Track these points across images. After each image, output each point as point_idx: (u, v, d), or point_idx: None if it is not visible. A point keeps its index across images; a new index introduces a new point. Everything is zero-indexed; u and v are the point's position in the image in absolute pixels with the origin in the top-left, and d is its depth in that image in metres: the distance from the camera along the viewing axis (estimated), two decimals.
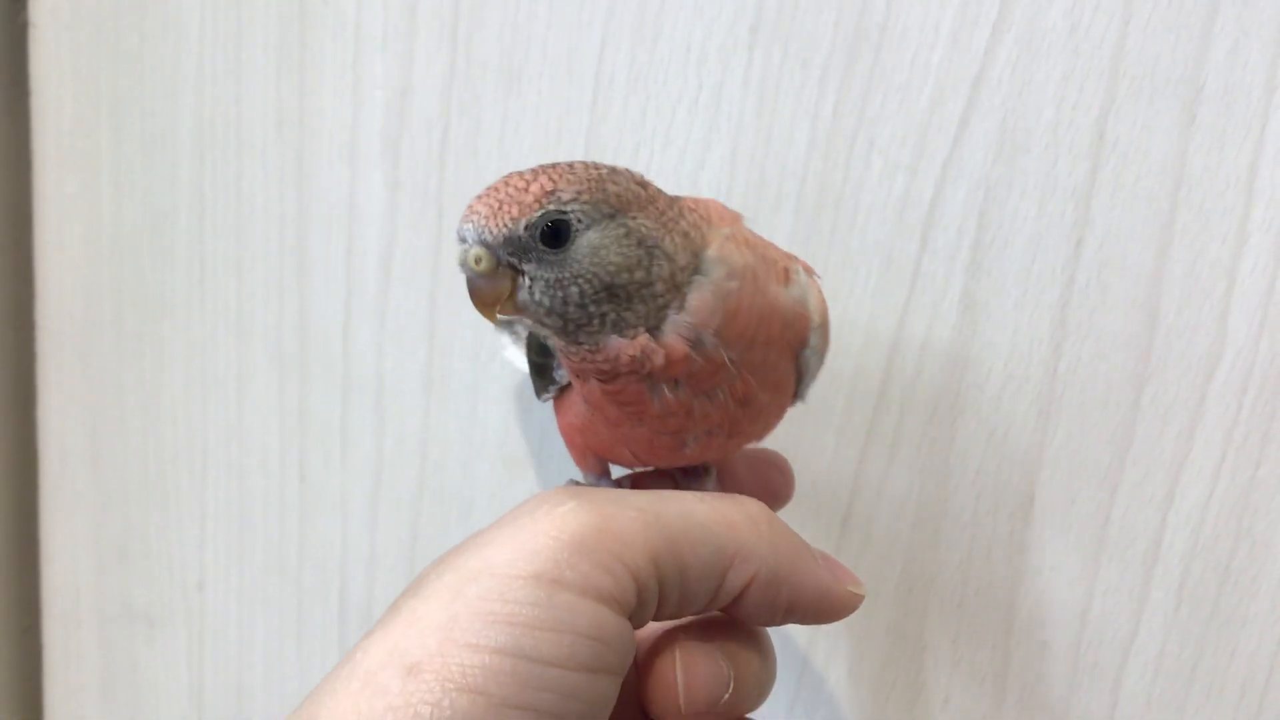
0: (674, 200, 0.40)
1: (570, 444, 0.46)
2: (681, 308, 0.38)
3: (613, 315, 0.38)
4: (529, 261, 0.37)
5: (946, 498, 0.55)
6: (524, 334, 0.60)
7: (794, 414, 0.57)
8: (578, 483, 0.47)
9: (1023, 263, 0.51)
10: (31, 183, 0.77)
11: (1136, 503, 0.51)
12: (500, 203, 0.37)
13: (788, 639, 0.60)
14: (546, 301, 0.37)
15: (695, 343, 0.38)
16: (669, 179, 0.58)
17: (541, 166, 0.38)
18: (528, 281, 0.37)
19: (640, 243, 0.38)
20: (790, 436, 0.57)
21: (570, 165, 0.38)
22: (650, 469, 0.47)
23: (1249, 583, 0.49)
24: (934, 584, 0.56)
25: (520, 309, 0.38)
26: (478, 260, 0.37)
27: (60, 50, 0.74)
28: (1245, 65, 0.46)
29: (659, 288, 0.38)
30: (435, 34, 0.62)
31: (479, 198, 0.38)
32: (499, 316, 0.38)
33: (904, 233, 0.53)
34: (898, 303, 0.54)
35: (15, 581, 0.87)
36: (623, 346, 0.38)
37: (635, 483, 0.47)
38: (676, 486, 0.47)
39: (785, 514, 0.53)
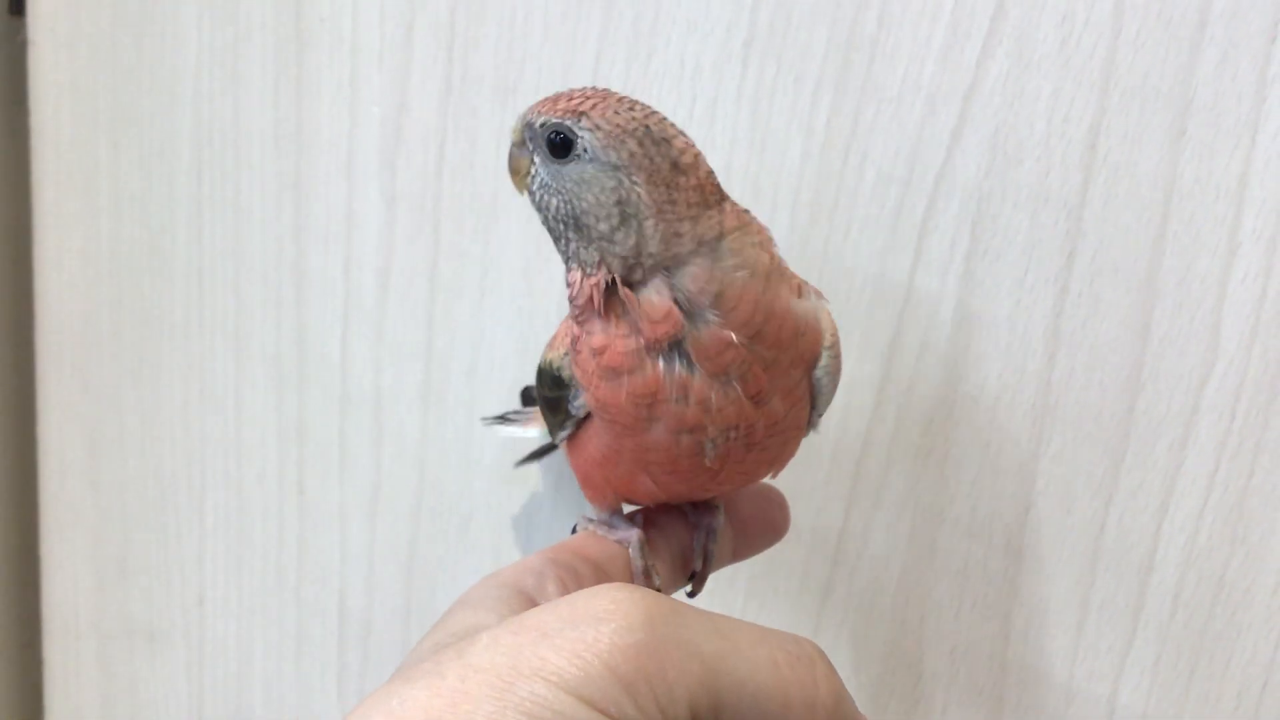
0: (715, 205, 0.41)
1: (586, 481, 0.46)
2: (671, 271, 0.40)
3: (573, 245, 0.41)
4: (536, 155, 0.42)
5: (942, 508, 0.55)
6: (518, 420, 0.63)
7: None
8: (591, 519, 0.47)
9: (1016, 274, 0.52)
10: (30, 200, 0.78)
11: (1131, 512, 0.51)
12: (553, 100, 0.41)
13: None
14: (537, 196, 0.42)
15: (688, 311, 0.39)
16: None
17: (612, 94, 0.41)
18: (533, 169, 0.42)
19: (620, 203, 0.39)
20: None
21: (631, 106, 0.41)
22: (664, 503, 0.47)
23: (1243, 592, 0.50)
24: (930, 595, 0.56)
25: (530, 192, 0.42)
26: (514, 131, 0.42)
27: (59, 68, 0.74)
28: (1234, 77, 0.46)
29: (617, 249, 0.40)
30: (431, 50, 0.63)
31: (547, 96, 0.42)
32: (517, 188, 0.43)
33: (898, 244, 0.54)
34: (892, 314, 0.54)
35: (15, 597, 0.87)
36: (578, 278, 0.41)
37: (647, 519, 0.47)
38: (687, 521, 0.48)
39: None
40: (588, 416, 0.44)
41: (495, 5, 0.61)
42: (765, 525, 0.50)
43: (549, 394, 0.45)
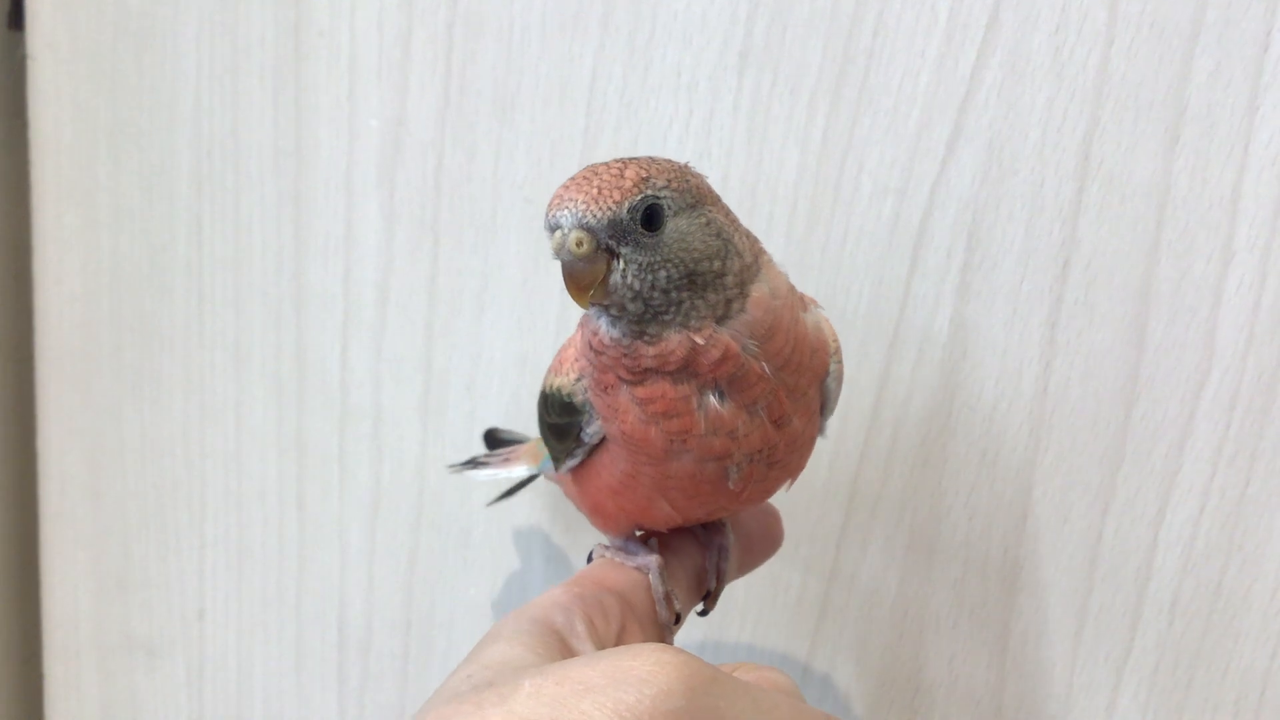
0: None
1: (596, 510, 0.46)
2: (743, 309, 0.39)
3: (688, 303, 0.39)
4: (626, 245, 0.38)
5: (940, 517, 0.55)
6: (491, 462, 0.61)
7: None
8: (607, 546, 0.47)
9: (1011, 283, 0.52)
10: (30, 215, 0.78)
11: (1128, 520, 0.51)
12: (599, 189, 0.38)
13: (786, 659, 0.61)
14: (637, 285, 0.38)
15: (743, 346, 0.39)
16: None
17: (626, 158, 0.39)
18: (621, 265, 0.38)
19: (718, 234, 0.39)
20: None
21: (652, 158, 0.39)
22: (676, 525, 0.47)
23: (1241, 598, 0.50)
24: (929, 604, 0.56)
25: (609, 293, 0.38)
26: (579, 243, 0.37)
27: (59, 83, 0.75)
28: (1227, 86, 0.47)
29: (729, 280, 0.39)
30: (429, 64, 0.63)
31: (570, 186, 0.38)
32: (590, 302, 0.39)
33: (894, 255, 0.54)
34: (889, 324, 0.55)
35: (16, 612, 0.87)
36: (681, 342, 0.39)
37: (661, 542, 0.47)
38: (699, 541, 0.48)
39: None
40: (599, 443, 0.44)
41: (493, 19, 0.61)
42: (767, 538, 0.50)
43: (558, 421, 0.45)
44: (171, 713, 0.83)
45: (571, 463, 0.45)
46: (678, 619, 0.46)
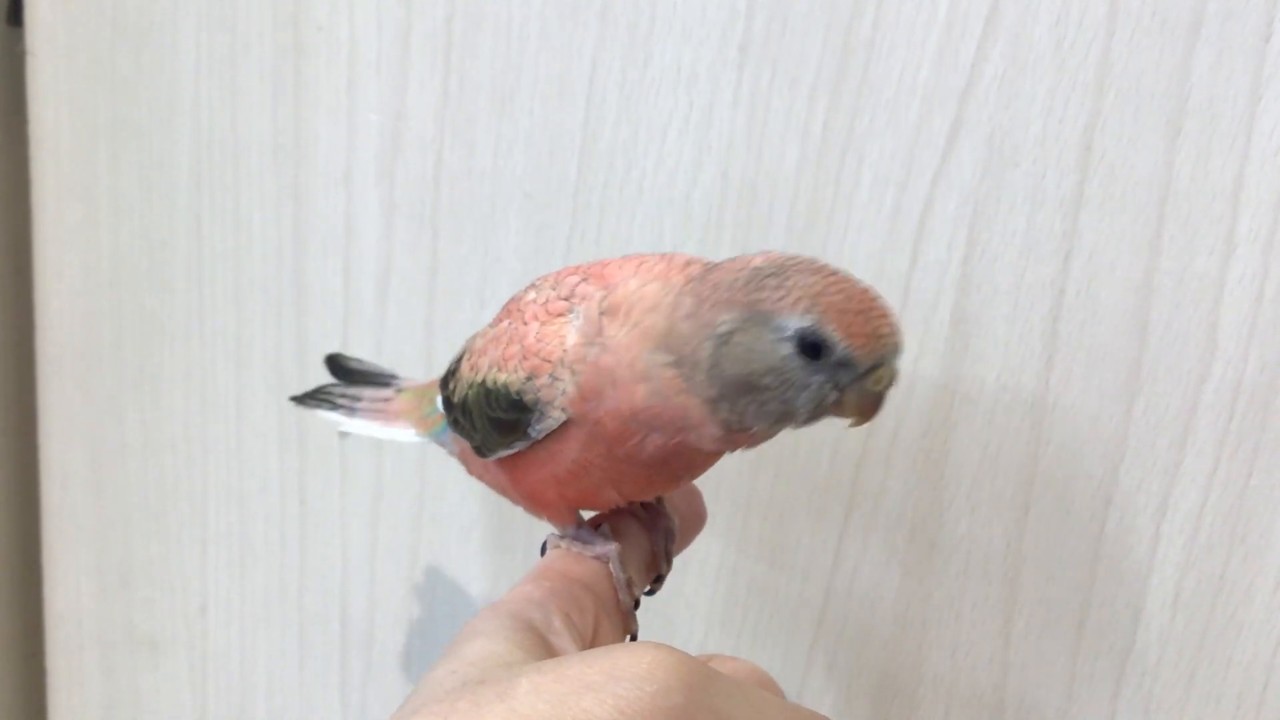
0: None
1: (534, 498, 0.46)
2: None
3: None
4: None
5: (941, 511, 0.55)
6: (357, 408, 0.57)
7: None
8: (561, 537, 0.47)
9: (1013, 276, 0.52)
10: (31, 212, 0.78)
11: (1130, 513, 0.51)
12: (893, 322, 0.39)
13: (788, 654, 0.60)
14: None
15: None
16: (662, 198, 0.58)
17: (854, 280, 0.40)
18: None
19: None
20: (786, 450, 0.58)
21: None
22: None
23: (1244, 591, 0.49)
24: (930, 598, 0.56)
25: None
26: (896, 370, 0.40)
27: (58, 79, 0.74)
28: (1229, 77, 0.46)
29: None
30: (428, 58, 0.63)
31: (879, 318, 0.39)
32: None
33: (894, 248, 0.54)
34: None
35: (18, 608, 0.87)
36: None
37: (614, 529, 0.48)
38: (641, 523, 0.49)
39: (785, 522, 0.53)
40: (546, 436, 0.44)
41: (492, 13, 0.61)
42: (696, 516, 0.51)
43: (504, 416, 0.44)
44: (174, 708, 0.83)
45: (506, 453, 0.45)
46: (636, 604, 0.47)
